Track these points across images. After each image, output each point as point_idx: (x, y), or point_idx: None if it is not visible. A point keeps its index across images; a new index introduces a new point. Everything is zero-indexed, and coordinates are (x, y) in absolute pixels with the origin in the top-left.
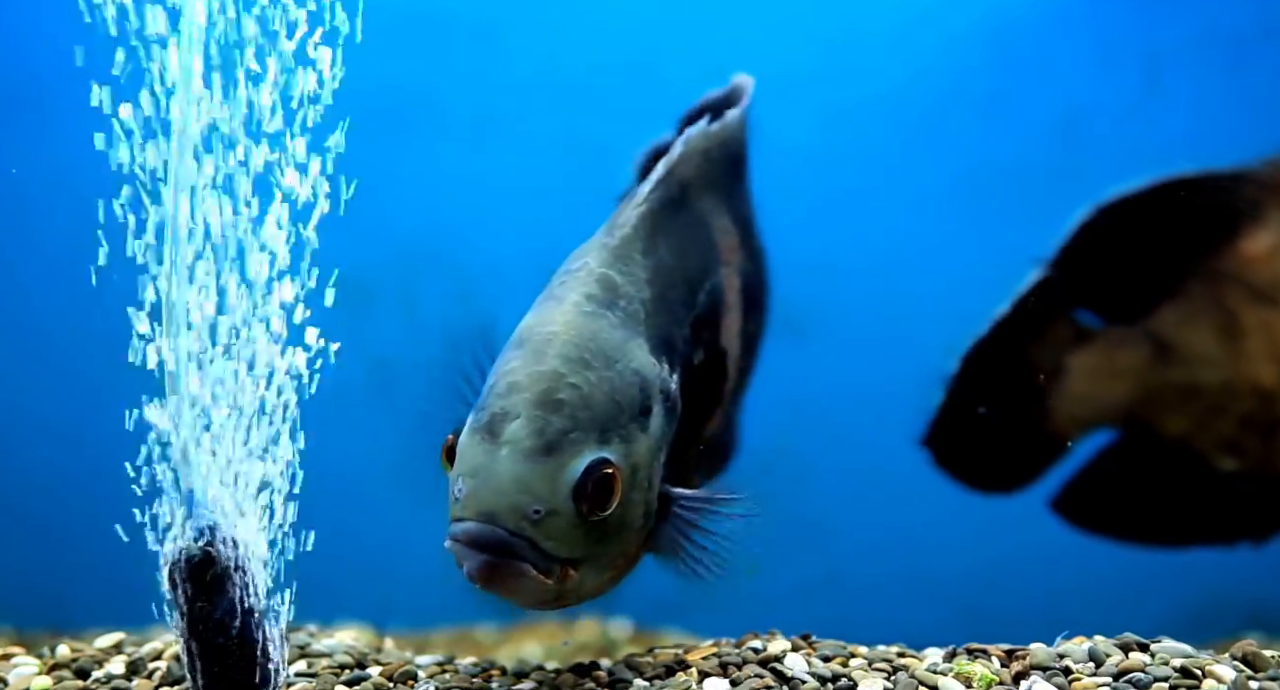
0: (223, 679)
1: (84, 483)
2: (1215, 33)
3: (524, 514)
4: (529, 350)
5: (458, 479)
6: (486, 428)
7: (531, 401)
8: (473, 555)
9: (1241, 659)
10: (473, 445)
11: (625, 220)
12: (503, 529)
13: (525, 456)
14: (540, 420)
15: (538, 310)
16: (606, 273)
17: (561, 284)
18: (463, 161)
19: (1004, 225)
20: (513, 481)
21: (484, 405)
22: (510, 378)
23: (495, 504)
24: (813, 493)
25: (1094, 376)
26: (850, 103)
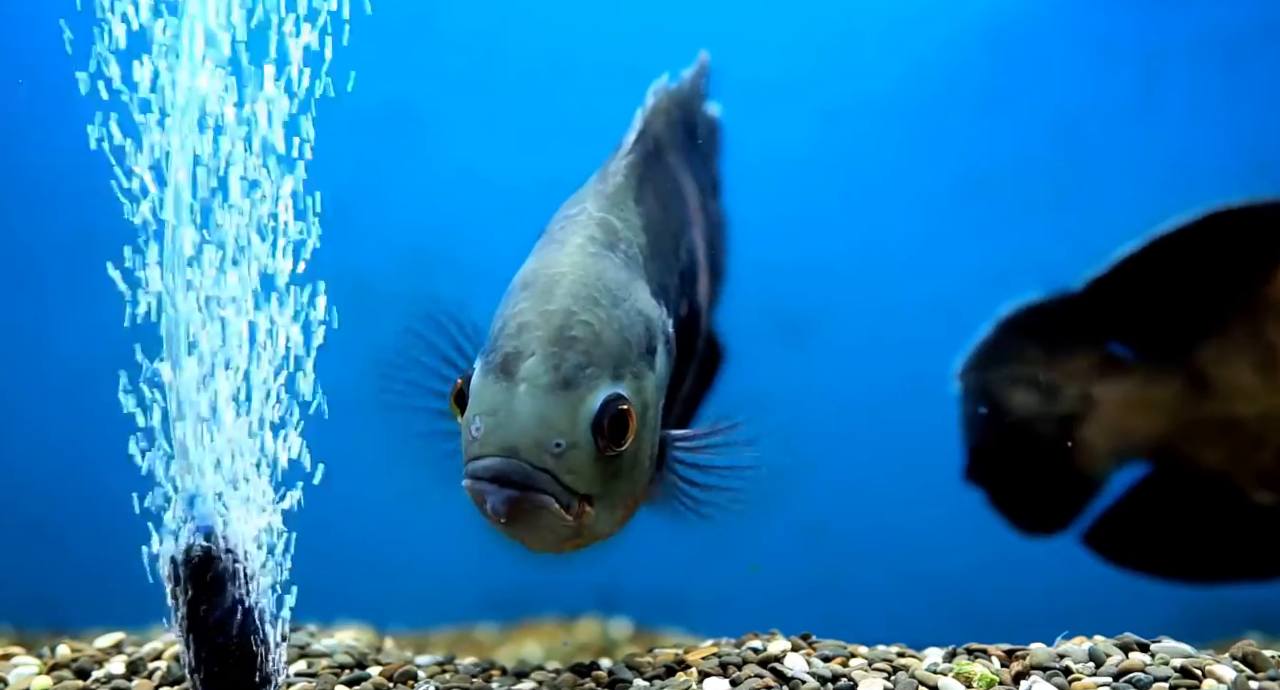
0: (223, 679)
1: (83, 483)
2: (1214, 33)
3: (546, 448)
4: (537, 291)
5: (474, 418)
6: (500, 367)
7: (545, 339)
8: (496, 490)
9: (1241, 659)
10: (487, 385)
11: (616, 169)
12: (526, 463)
13: (544, 392)
14: (556, 356)
15: (540, 254)
16: (606, 217)
17: (562, 229)
18: (463, 162)
19: (1003, 225)
20: (533, 416)
21: (494, 346)
22: (520, 318)
23: (517, 439)
24: (813, 493)
25: (1126, 408)
26: (848, 103)
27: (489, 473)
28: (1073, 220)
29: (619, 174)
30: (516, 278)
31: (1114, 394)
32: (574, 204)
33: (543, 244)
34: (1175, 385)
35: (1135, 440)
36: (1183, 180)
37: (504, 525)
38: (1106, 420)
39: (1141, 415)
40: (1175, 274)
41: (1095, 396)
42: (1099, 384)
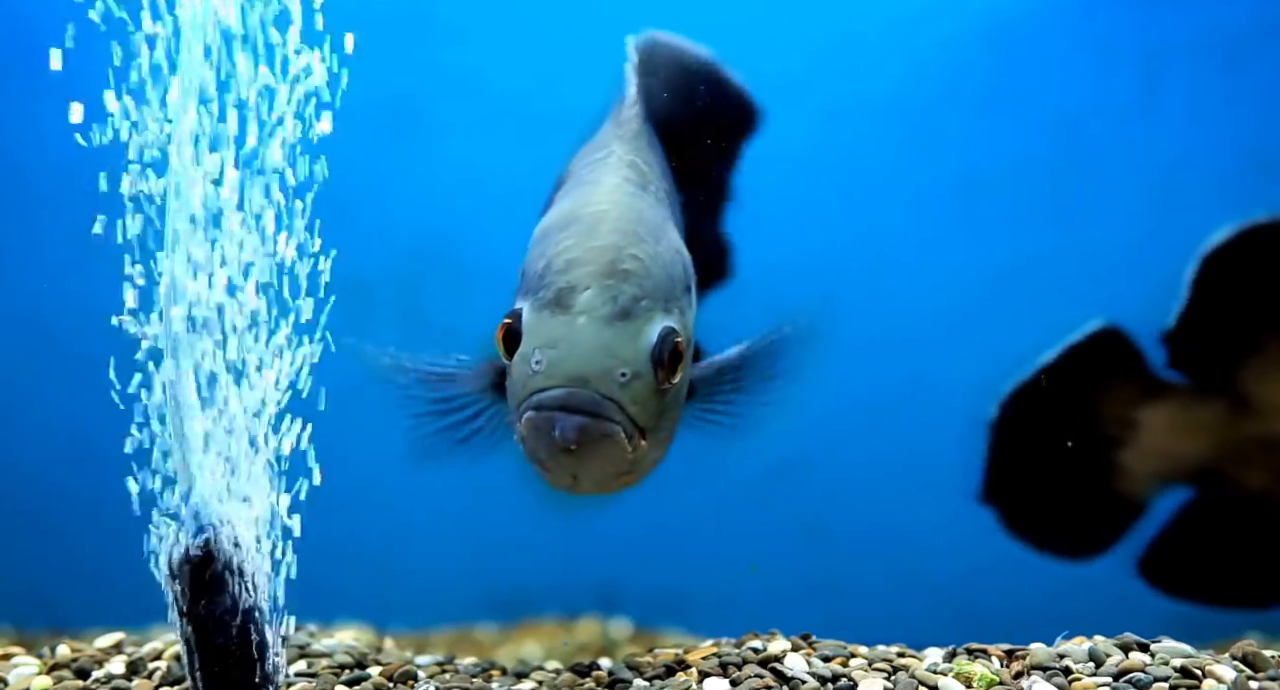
0: (223, 679)
1: (84, 482)
2: (1214, 33)
3: (613, 377)
4: (582, 228)
5: (533, 352)
6: (555, 302)
7: (598, 273)
8: (565, 417)
9: (1241, 659)
10: (543, 319)
11: (628, 117)
12: (595, 392)
13: (604, 323)
14: (612, 288)
15: (577, 194)
16: (634, 159)
17: (592, 170)
18: (463, 162)
19: (1003, 225)
20: (599, 346)
21: (544, 283)
22: (568, 254)
23: (585, 368)
24: (813, 493)
25: (1170, 431)
26: (848, 103)
27: (557, 401)
28: (1073, 220)
29: (633, 121)
30: (549, 219)
31: (1157, 417)
32: (597, 148)
33: (574, 185)
34: (1218, 407)
35: (1179, 463)
36: (1183, 180)
37: (567, 457)
38: (1149, 444)
39: (1185, 438)
40: (1213, 293)
41: (1138, 420)
42: (1142, 408)
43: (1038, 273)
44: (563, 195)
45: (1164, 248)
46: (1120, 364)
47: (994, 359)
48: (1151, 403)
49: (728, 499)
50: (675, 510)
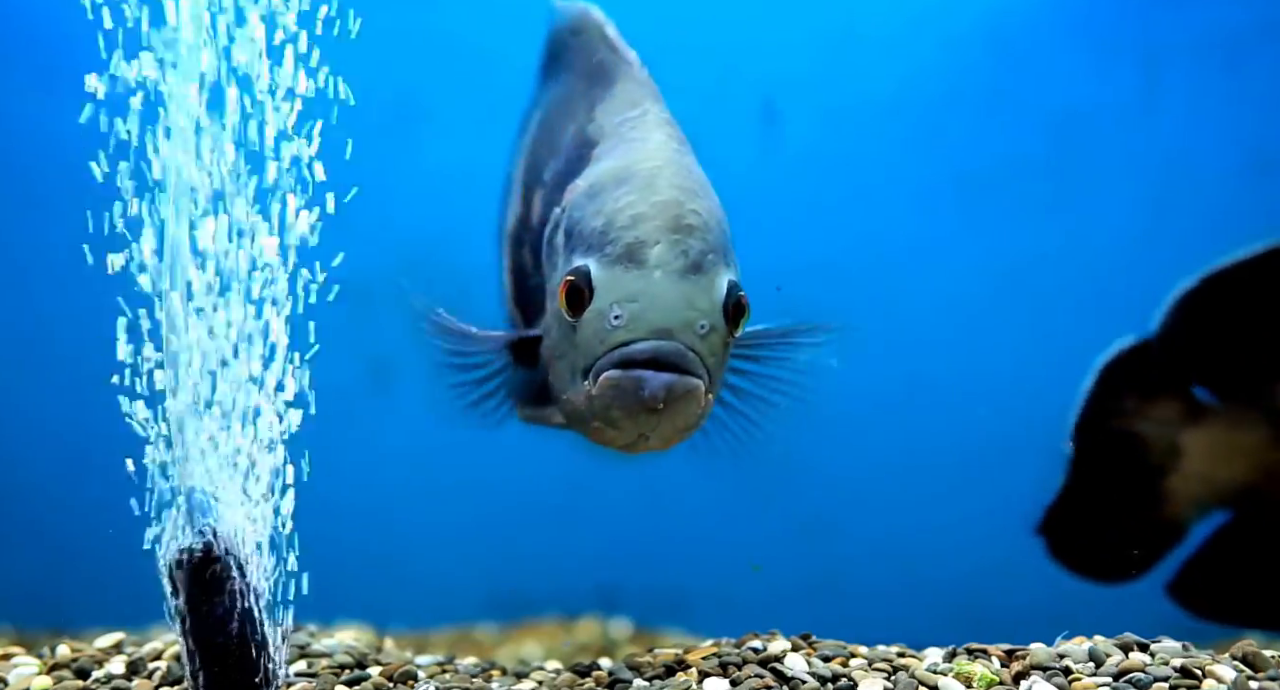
0: (223, 679)
1: (84, 483)
2: (1214, 32)
3: (695, 329)
4: (640, 184)
5: (611, 307)
6: (626, 257)
7: (664, 227)
8: (654, 374)
9: (1241, 659)
10: (616, 275)
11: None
12: (680, 344)
13: (679, 276)
14: (680, 243)
15: (625, 151)
16: (668, 117)
17: (633, 128)
18: (463, 162)
19: (1003, 225)
20: (679, 298)
21: (609, 239)
22: (631, 210)
23: (669, 320)
24: (813, 493)
25: (1212, 455)
26: (850, 103)
27: (645, 354)
28: (1073, 220)
29: (651, 81)
30: (598, 177)
31: (1200, 441)
32: (630, 105)
33: (617, 143)
34: (1260, 429)
35: (1220, 487)
36: (1183, 180)
37: (648, 415)
38: (1193, 469)
39: (1227, 461)
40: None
41: (1182, 445)
42: (1184, 431)
43: (1038, 272)
44: (604, 153)
45: (1164, 247)
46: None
47: (994, 359)
48: (1193, 426)
49: (728, 499)
50: (675, 510)
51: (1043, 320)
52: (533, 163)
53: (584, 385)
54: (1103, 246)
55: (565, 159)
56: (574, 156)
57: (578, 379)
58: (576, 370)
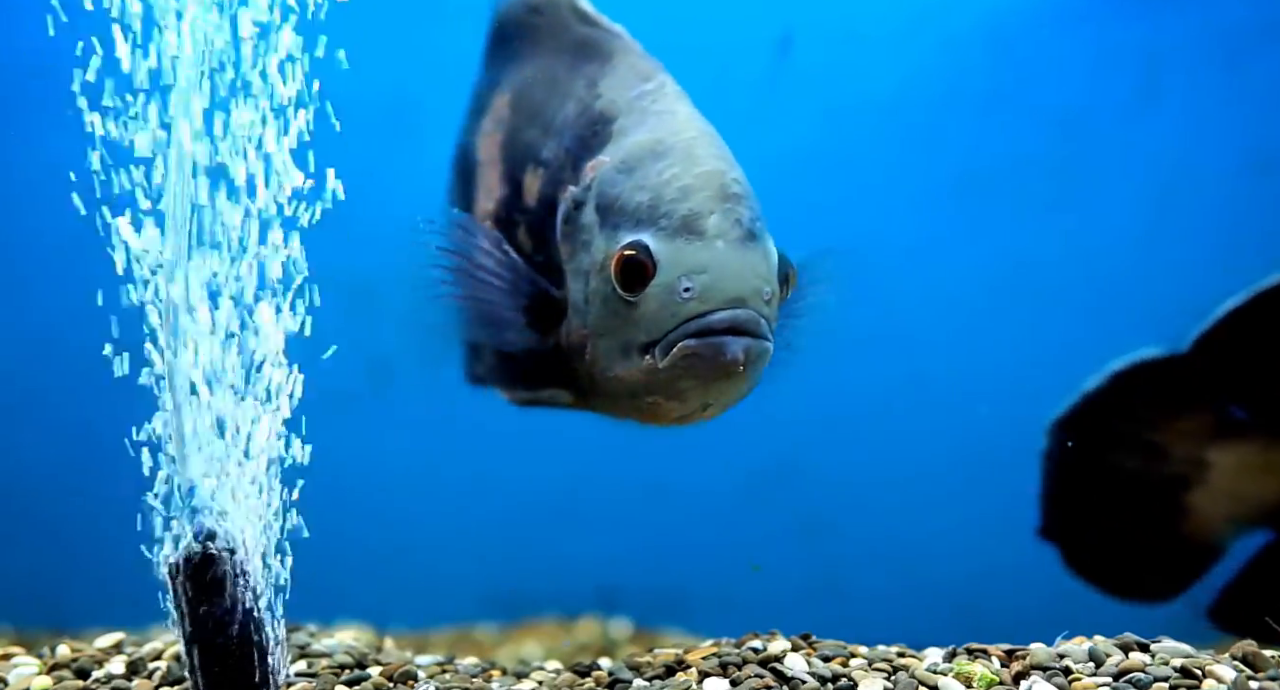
0: (223, 679)
1: (84, 483)
2: (1214, 32)
3: (763, 296)
4: (680, 156)
5: (679, 280)
6: (684, 228)
7: (715, 197)
8: (734, 340)
9: (1241, 659)
10: (679, 247)
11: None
12: (754, 311)
13: (740, 244)
14: (733, 211)
15: (655, 124)
16: (680, 89)
17: (654, 100)
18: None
19: (1003, 225)
20: (746, 267)
21: (660, 212)
22: (678, 182)
23: (742, 289)
24: (813, 493)
25: (1243, 472)
26: (850, 103)
27: (724, 323)
28: (1073, 220)
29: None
30: (630, 152)
31: (1230, 458)
32: (641, 78)
33: (639, 118)
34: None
35: (1254, 506)
36: (1183, 179)
37: (722, 382)
38: (1222, 485)
39: (1261, 480)
40: None
41: (1209, 460)
42: (1213, 447)
43: (1038, 272)
44: (628, 127)
45: (1164, 247)
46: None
47: (994, 359)
48: (1223, 442)
49: (728, 499)
50: (675, 510)
51: (1043, 320)
52: (514, 143)
53: (644, 360)
54: (1103, 246)
55: (573, 137)
56: (585, 134)
57: (633, 355)
58: (632, 347)
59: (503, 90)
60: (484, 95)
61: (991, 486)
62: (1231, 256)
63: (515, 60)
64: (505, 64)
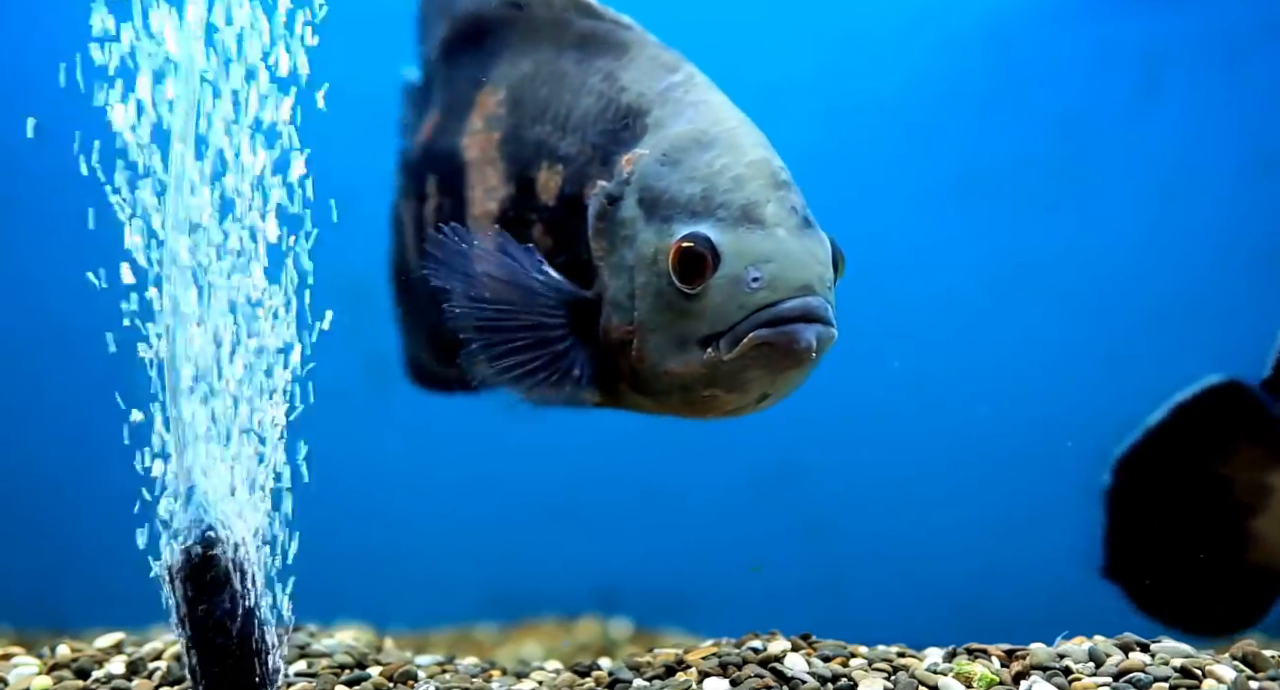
0: (223, 679)
1: (84, 483)
2: (1215, 32)
3: (827, 282)
4: (725, 147)
5: (746, 270)
6: (743, 218)
7: (768, 186)
8: (807, 327)
9: (1241, 659)
10: (740, 237)
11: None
12: (821, 297)
13: (799, 231)
14: (786, 200)
15: (693, 115)
16: (710, 80)
17: (686, 91)
18: None
19: (1004, 225)
20: (808, 254)
21: (717, 204)
22: (729, 173)
23: (808, 276)
24: (813, 494)
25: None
26: (851, 104)
27: (796, 312)
28: (1074, 220)
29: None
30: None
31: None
32: (666, 70)
33: (674, 109)
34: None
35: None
36: (1183, 179)
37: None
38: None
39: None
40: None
41: (1273, 485)
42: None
43: (1039, 272)
44: (664, 119)
45: (1165, 247)
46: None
47: (995, 359)
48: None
49: (728, 499)
50: (675, 510)
51: (1043, 321)
52: (519, 141)
53: (706, 353)
54: (1103, 246)
55: (600, 133)
56: (615, 127)
57: (691, 348)
58: (691, 340)
59: (491, 88)
60: (461, 94)
61: (991, 486)
62: (1232, 256)
63: (499, 57)
64: (485, 61)
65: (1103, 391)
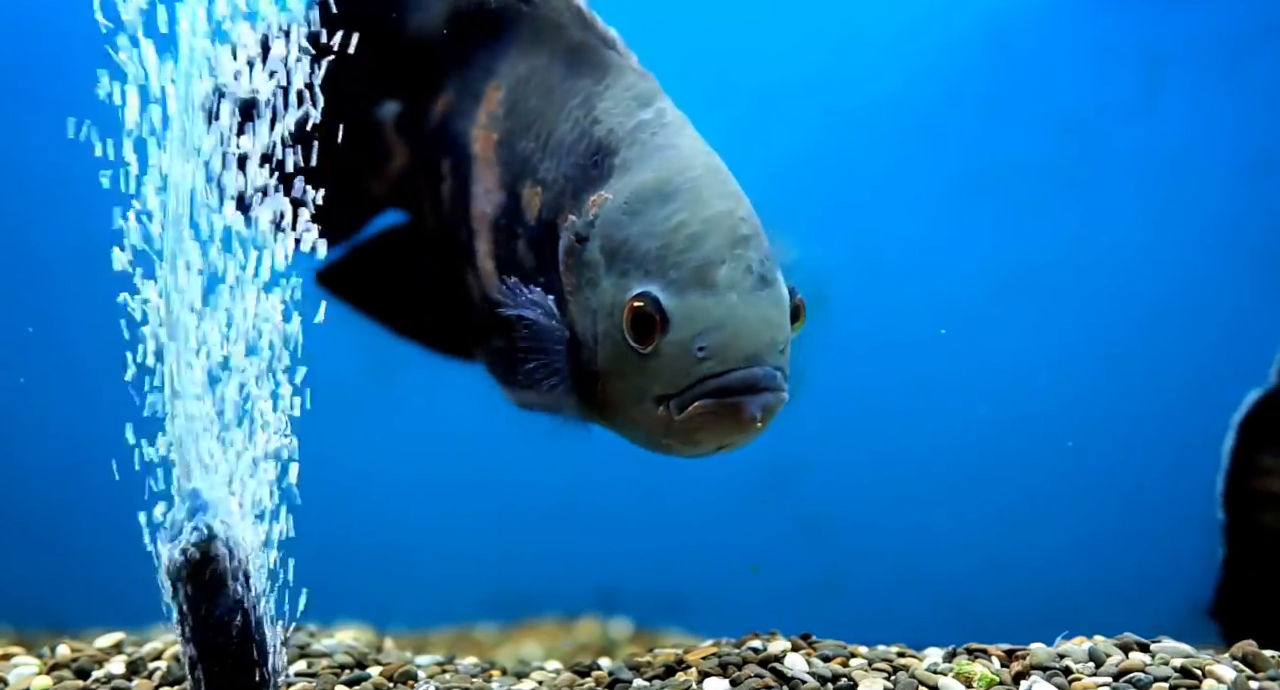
0: (223, 679)
1: (84, 483)
2: (1215, 33)
3: (779, 347)
4: (686, 200)
5: (693, 339)
6: (696, 281)
7: (724, 244)
8: (752, 398)
9: (1241, 659)
10: (691, 302)
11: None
12: (770, 366)
13: (753, 295)
14: (743, 257)
15: (658, 162)
16: (682, 115)
17: (654, 134)
18: None
19: (1004, 226)
20: (759, 321)
21: (670, 263)
22: (686, 230)
23: (755, 345)
24: (813, 493)
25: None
26: (852, 105)
27: (741, 384)
28: (1075, 221)
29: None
30: (634, 192)
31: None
32: (640, 104)
33: (640, 153)
34: None
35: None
36: (1185, 180)
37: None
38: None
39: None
40: None
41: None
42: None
43: (1039, 273)
44: (630, 162)
45: (1166, 248)
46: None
47: (995, 359)
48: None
49: (728, 499)
50: (675, 510)
51: (1043, 321)
52: (512, 150)
53: (660, 411)
54: (1103, 247)
55: (572, 165)
56: (586, 163)
57: (648, 404)
58: (647, 395)
59: (495, 80)
60: (473, 81)
61: (991, 486)
62: (1232, 256)
63: (507, 49)
64: (494, 51)
65: (1103, 391)
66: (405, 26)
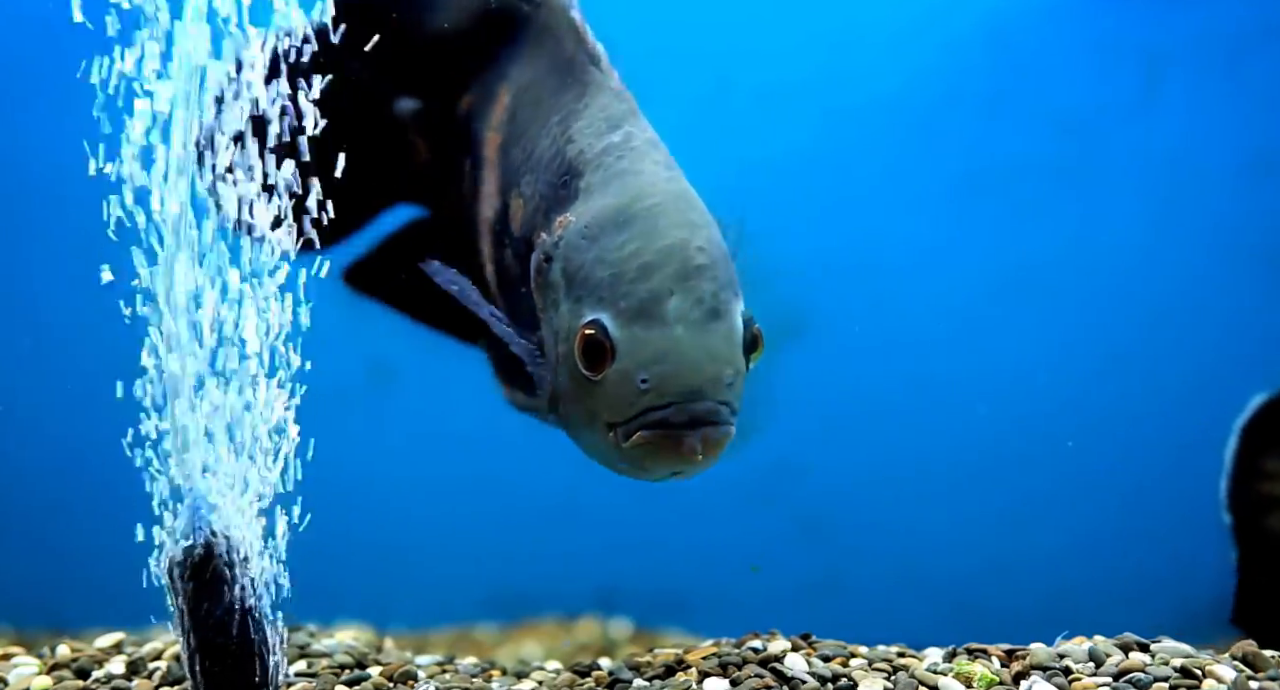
0: (223, 679)
1: (84, 483)
2: (1215, 33)
3: (724, 382)
4: (640, 228)
5: (638, 371)
6: (642, 313)
7: (675, 275)
8: (691, 433)
9: (1241, 659)
10: (636, 334)
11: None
12: (712, 401)
13: (700, 328)
14: (694, 290)
15: (619, 188)
16: (652, 137)
17: (619, 158)
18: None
19: (1004, 226)
20: (704, 355)
21: (619, 293)
22: (638, 260)
23: (697, 380)
24: (813, 493)
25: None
26: (852, 105)
27: (680, 419)
28: (1074, 220)
29: (626, 91)
30: (593, 218)
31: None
32: (609, 127)
33: (604, 177)
34: None
35: None
36: (1185, 181)
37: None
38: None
39: None
40: None
41: None
42: None
43: (1039, 273)
44: (593, 186)
45: (1166, 248)
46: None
47: (994, 359)
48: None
49: (728, 499)
50: (675, 510)
51: (1043, 321)
52: (507, 158)
53: (609, 436)
54: (1103, 247)
55: (546, 182)
56: (556, 181)
57: (599, 427)
58: (597, 420)
59: (506, 83)
60: (490, 84)
61: (991, 486)
62: (1232, 256)
63: (517, 52)
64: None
65: (1102, 391)
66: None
